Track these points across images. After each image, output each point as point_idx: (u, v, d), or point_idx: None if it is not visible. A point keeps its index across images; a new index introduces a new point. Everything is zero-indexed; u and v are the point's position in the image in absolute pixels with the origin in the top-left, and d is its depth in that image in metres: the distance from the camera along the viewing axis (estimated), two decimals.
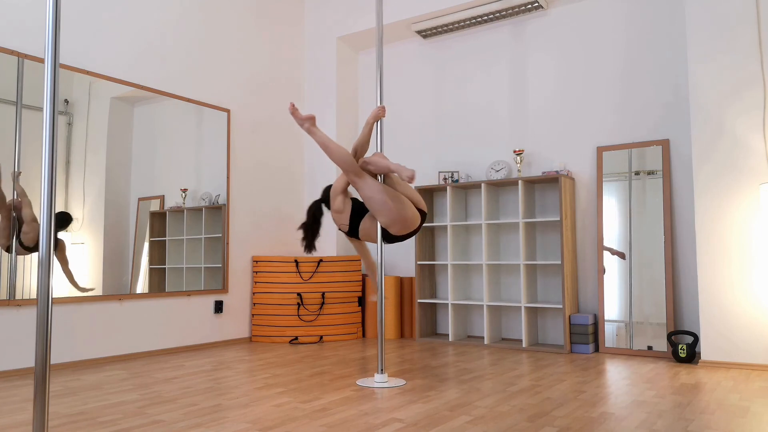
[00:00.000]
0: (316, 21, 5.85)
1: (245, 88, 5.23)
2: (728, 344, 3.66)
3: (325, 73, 5.75)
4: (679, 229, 4.21)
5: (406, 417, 2.53)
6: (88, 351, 3.94)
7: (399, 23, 5.30)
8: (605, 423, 2.42)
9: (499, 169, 4.86)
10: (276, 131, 5.51)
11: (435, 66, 5.48)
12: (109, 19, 4.23)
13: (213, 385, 3.21)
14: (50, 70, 1.88)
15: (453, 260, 4.84)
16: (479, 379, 3.34)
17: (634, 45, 4.49)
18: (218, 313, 4.80)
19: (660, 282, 4.13)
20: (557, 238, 4.67)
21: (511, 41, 5.06)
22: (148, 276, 4.33)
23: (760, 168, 3.64)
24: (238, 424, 2.43)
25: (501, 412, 2.61)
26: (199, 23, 4.86)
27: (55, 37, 1.89)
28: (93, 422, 2.48)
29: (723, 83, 3.78)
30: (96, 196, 4.06)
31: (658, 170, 4.27)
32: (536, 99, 4.90)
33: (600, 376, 3.42)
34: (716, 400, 2.79)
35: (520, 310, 4.67)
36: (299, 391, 3.04)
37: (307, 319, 4.93)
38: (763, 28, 3.67)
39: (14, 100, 3.66)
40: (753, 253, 3.63)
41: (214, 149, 4.89)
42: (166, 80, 4.58)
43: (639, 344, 4.15)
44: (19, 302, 3.59)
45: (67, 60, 3.96)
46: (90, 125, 4.06)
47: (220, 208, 4.89)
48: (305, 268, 4.99)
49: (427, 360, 3.99)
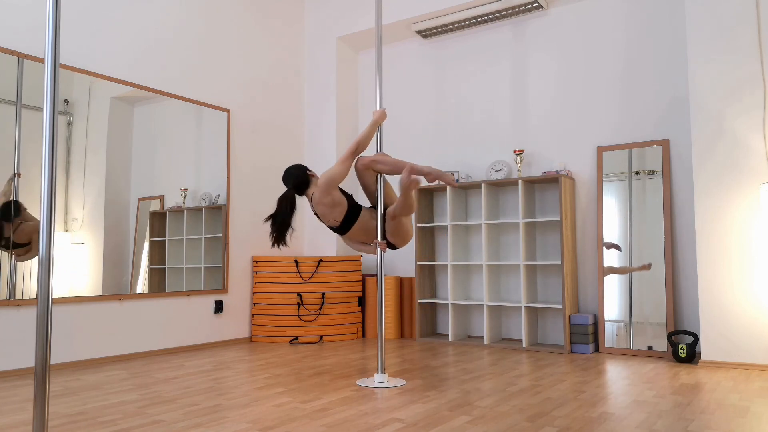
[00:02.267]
0: (316, 21, 5.85)
1: (245, 88, 5.23)
2: (728, 344, 3.66)
3: (325, 73, 5.75)
4: (679, 229, 4.21)
5: (406, 417, 2.53)
6: (88, 351, 3.94)
7: (399, 23, 5.30)
8: (605, 423, 2.42)
9: (499, 169, 4.86)
10: (276, 131, 5.51)
11: (435, 66, 5.48)
12: (109, 19, 4.23)
13: (213, 385, 3.21)
14: (50, 70, 1.88)
15: (453, 260, 4.84)
16: (479, 379, 3.34)
17: (634, 45, 4.49)
18: (218, 313, 4.80)
19: (660, 282, 4.13)
20: (557, 238, 4.67)
21: (511, 41, 5.06)
22: (148, 276, 4.33)
23: (760, 168, 3.64)
24: (238, 424, 2.43)
25: (501, 412, 2.61)
26: (199, 23, 4.86)
27: (55, 37, 1.89)
28: (93, 422, 2.48)
29: (723, 83, 3.78)
30: (96, 196, 4.06)
31: (658, 170, 4.27)
32: (536, 99, 4.90)
33: (600, 376, 3.42)
34: (716, 400, 2.79)
35: (520, 310, 4.67)
36: (299, 391, 3.04)
37: (307, 319, 4.93)
38: (763, 28, 3.67)
39: (14, 100, 3.66)
40: (753, 253, 3.63)
41: (214, 149, 4.89)
42: (166, 80, 4.58)
43: (639, 344, 4.15)
44: (19, 302, 3.59)
45: (67, 60, 3.96)
46: (90, 125, 4.06)
47: (220, 208, 4.89)
48: (305, 268, 4.99)
49: (427, 360, 3.99)
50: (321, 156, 5.69)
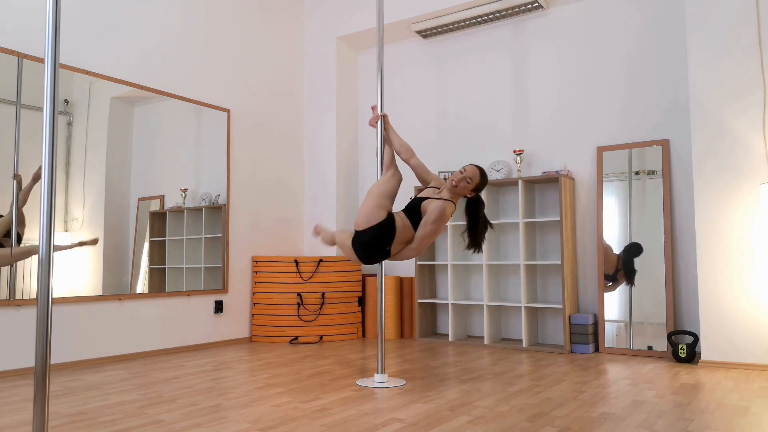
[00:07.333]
0: (316, 21, 5.85)
1: (245, 88, 5.23)
2: (728, 344, 3.65)
3: (325, 73, 5.75)
4: (679, 229, 4.21)
5: (406, 417, 2.53)
6: (88, 351, 3.94)
7: (399, 23, 5.31)
8: (605, 423, 2.42)
9: (499, 169, 4.86)
10: (276, 131, 5.51)
11: (435, 66, 5.48)
12: (109, 19, 4.23)
13: (213, 385, 3.21)
14: (50, 70, 1.88)
15: (453, 260, 4.84)
16: (479, 379, 3.34)
17: (633, 45, 4.48)
18: (218, 313, 4.80)
19: (660, 282, 4.13)
20: (557, 238, 4.67)
21: (511, 41, 5.06)
22: (148, 276, 4.33)
23: (760, 168, 3.64)
24: (238, 424, 2.43)
25: (501, 412, 2.61)
26: (199, 23, 4.86)
27: (55, 37, 1.89)
28: (93, 422, 2.48)
29: (723, 83, 3.78)
30: (96, 196, 4.06)
31: (658, 170, 4.26)
32: (536, 99, 4.90)
33: (600, 376, 3.42)
34: (716, 400, 2.79)
35: (520, 310, 4.67)
36: (299, 391, 3.04)
37: (307, 319, 4.93)
38: (763, 28, 3.67)
39: (14, 100, 3.66)
40: (753, 253, 3.63)
41: (214, 149, 4.89)
42: (166, 80, 4.58)
43: (639, 344, 4.15)
44: (19, 302, 3.59)
45: (67, 60, 3.96)
46: (90, 125, 4.06)
47: (220, 208, 4.88)
48: (305, 268, 4.99)
49: (427, 360, 3.99)
50: (321, 156, 5.69)
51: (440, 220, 2.97)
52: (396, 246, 3.04)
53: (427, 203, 3.03)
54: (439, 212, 2.97)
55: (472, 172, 3.06)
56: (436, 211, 2.97)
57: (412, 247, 3.05)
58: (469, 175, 3.06)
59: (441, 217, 2.97)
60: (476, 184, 3.08)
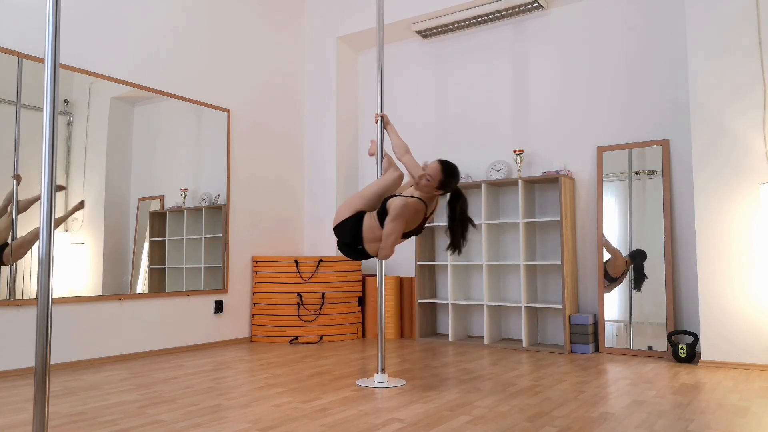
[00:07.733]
0: (316, 21, 5.85)
1: (245, 88, 5.23)
2: (728, 344, 3.65)
3: (325, 73, 5.75)
4: (679, 229, 4.21)
5: (406, 417, 2.53)
6: (88, 351, 3.94)
7: (399, 23, 5.30)
8: (605, 423, 2.42)
9: (499, 169, 4.86)
10: (276, 131, 5.51)
11: (435, 66, 5.48)
12: (109, 19, 4.23)
13: (213, 385, 3.21)
14: (50, 70, 1.88)
15: (453, 260, 4.84)
16: (479, 379, 3.34)
17: (633, 45, 4.48)
18: (218, 313, 4.80)
19: (660, 282, 4.13)
20: (557, 238, 4.67)
21: (511, 41, 5.06)
22: (148, 276, 4.33)
23: (760, 168, 3.64)
24: (238, 424, 2.43)
25: (501, 412, 2.61)
26: (199, 23, 4.86)
27: (55, 37, 1.89)
28: (93, 422, 2.48)
29: (723, 83, 3.78)
30: (96, 196, 4.06)
31: (658, 170, 4.26)
32: (536, 99, 4.90)
33: (600, 376, 3.42)
34: (716, 400, 2.79)
35: (520, 310, 4.67)
36: (299, 391, 3.04)
37: (307, 319, 4.93)
38: (763, 28, 3.67)
39: (14, 100, 3.66)
40: (753, 253, 3.63)
41: (214, 149, 4.89)
42: (166, 80, 4.58)
43: (639, 344, 4.15)
44: (19, 302, 3.59)
45: (67, 60, 3.96)
46: (90, 125, 4.06)
47: (220, 208, 4.88)
48: (305, 268, 4.99)
49: (427, 360, 3.99)
50: (321, 156, 5.69)
51: (398, 218, 2.89)
52: (370, 245, 3.03)
53: (391, 201, 2.95)
54: (394, 209, 2.88)
55: (432, 170, 2.92)
56: (392, 209, 2.90)
57: (381, 245, 3.00)
58: (428, 172, 2.92)
59: (398, 215, 2.88)
60: (439, 182, 2.92)
